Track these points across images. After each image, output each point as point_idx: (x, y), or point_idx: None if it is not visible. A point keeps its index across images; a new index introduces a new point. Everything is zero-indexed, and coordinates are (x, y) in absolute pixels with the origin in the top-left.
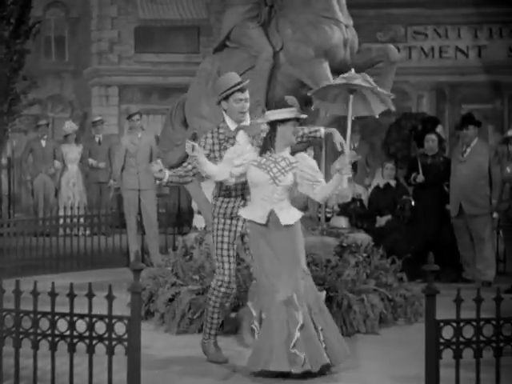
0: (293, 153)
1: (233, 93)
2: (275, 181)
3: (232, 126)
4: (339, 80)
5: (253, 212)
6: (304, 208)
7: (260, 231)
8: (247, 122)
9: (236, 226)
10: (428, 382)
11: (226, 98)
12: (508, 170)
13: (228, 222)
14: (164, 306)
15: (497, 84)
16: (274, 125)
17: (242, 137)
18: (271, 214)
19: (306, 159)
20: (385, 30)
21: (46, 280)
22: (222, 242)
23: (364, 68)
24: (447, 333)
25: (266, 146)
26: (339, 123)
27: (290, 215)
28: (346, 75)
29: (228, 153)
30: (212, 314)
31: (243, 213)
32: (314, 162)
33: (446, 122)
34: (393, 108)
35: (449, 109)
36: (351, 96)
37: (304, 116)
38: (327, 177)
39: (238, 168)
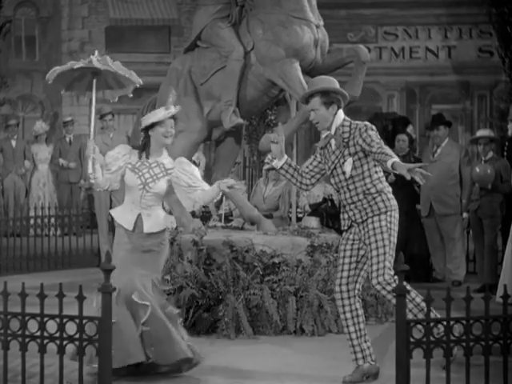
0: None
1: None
2: (145, 187)
3: (324, 133)
4: (81, 63)
5: (122, 215)
6: (275, 208)
7: (125, 235)
8: (332, 130)
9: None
10: (399, 381)
11: None
12: (477, 169)
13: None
14: None
15: (466, 84)
16: (145, 130)
17: (332, 144)
18: (138, 218)
19: (183, 164)
20: (355, 30)
21: (16, 280)
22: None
23: (334, 68)
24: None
25: (142, 151)
26: (310, 123)
27: (156, 223)
28: (92, 59)
29: (106, 158)
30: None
31: (114, 213)
32: (192, 168)
33: (416, 122)
34: (129, 93)
35: (419, 109)
36: (94, 80)
37: (172, 112)
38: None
39: (114, 174)
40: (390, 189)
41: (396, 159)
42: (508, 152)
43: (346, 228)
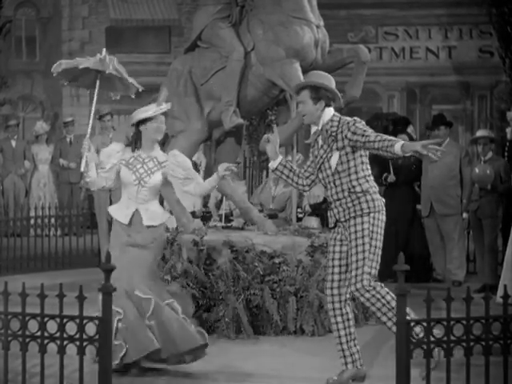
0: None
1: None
2: (140, 182)
3: (313, 130)
4: (92, 64)
5: (119, 211)
6: (282, 209)
7: (123, 230)
8: (319, 126)
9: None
10: (399, 381)
11: None
12: (477, 170)
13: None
14: None
15: (467, 85)
16: (136, 126)
17: (320, 140)
18: (135, 213)
19: (178, 157)
20: (356, 30)
21: (16, 280)
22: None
23: (335, 68)
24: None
25: (134, 145)
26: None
27: (154, 216)
28: (97, 59)
29: (101, 155)
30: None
31: (111, 210)
32: (185, 160)
33: (416, 122)
34: (132, 94)
35: (419, 109)
36: (98, 81)
37: (163, 108)
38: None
39: (109, 172)
40: (377, 189)
41: (402, 141)
42: (509, 153)
43: (332, 226)
